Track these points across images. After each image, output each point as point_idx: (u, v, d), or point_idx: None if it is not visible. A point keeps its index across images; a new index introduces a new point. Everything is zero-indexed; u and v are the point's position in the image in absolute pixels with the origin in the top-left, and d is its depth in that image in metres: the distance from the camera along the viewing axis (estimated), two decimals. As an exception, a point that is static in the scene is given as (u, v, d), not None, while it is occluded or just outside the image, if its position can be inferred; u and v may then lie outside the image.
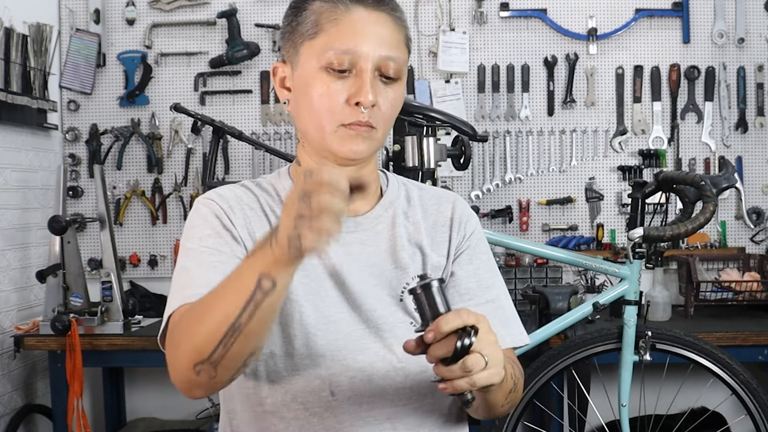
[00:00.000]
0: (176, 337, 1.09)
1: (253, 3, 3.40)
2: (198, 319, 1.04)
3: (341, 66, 1.15)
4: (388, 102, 1.18)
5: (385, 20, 1.18)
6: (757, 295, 3.03)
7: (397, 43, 1.19)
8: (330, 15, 1.16)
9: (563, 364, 2.44)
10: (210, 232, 1.19)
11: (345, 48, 1.15)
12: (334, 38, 1.15)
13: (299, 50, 1.19)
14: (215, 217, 1.20)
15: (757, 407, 2.37)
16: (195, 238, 1.19)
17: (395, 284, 1.24)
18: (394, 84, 1.19)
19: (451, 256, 1.30)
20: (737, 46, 3.36)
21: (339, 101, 1.16)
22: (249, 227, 1.21)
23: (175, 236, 3.45)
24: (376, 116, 1.17)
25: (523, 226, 3.40)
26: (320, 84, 1.16)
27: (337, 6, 1.16)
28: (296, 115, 1.23)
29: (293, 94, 1.22)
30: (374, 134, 1.19)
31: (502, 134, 3.40)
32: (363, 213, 1.27)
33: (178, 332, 1.09)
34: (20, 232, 3.11)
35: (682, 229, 2.23)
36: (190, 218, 1.22)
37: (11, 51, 2.94)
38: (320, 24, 1.16)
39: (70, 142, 3.44)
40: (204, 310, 1.04)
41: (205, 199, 1.23)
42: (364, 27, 1.16)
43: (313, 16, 1.17)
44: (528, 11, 3.38)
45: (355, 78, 1.16)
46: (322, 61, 1.16)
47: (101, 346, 2.82)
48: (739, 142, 3.38)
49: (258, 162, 3.43)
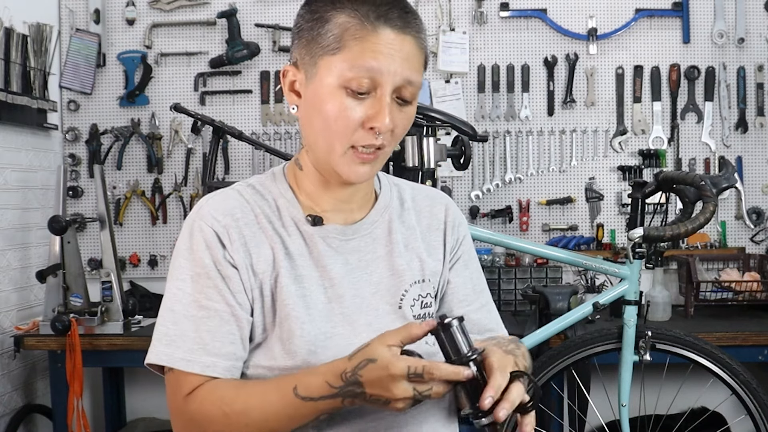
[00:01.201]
0: (201, 421, 1.13)
1: (253, 3, 3.40)
2: (235, 419, 1.10)
3: (361, 89, 1.12)
4: (401, 124, 1.17)
5: (410, 43, 1.15)
6: (757, 295, 3.03)
7: (418, 66, 1.17)
8: (355, 32, 1.12)
9: (563, 364, 2.44)
10: (200, 271, 1.17)
11: (368, 66, 1.11)
12: (357, 56, 1.12)
13: (317, 62, 1.15)
14: (207, 249, 1.17)
15: (757, 407, 2.37)
16: (187, 273, 1.17)
17: (393, 291, 1.24)
18: (408, 106, 1.18)
19: (447, 261, 1.31)
20: (737, 46, 3.35)
21: (354, 123, 1.14)
22: (245, 247, 1.19)
23: (174, 236, 3.45)
24: (388, 137, 1.17)
25: (523, 226, 3.40)
26: (337, 103, 1.13)
27: (363, 24, 1.12)
28: (305, 126, 1.21)
29: (304, 103, 1.19)
30: (381, 154, 1.18)
31: (502, 134, 3.40)
32: (359, 219, 1.27)
33: (206, 421, 1.12)
34: (20, 232, 3.11)
35: (682, 229, 2.23)
36: (185, 239, 1.19)
37: (11, 51, 2.94)
38: (344, 40, 1.12)
39: (70, 142, 3.44)
40: (240, 414, 1.10)
41: (201, 222, 1.19)
42: (389, 49, 1.12)
43: (337, 30, 1.13)
44: (528, 11, 3.38)
45: (373, 100, 1.14)
46: (341, 79, 1.12)
47: (101, 346, 2.82)
48: (739, 142, 3.38)
49: (258, 162, 3.43)
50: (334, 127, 1.14)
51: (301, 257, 1.21)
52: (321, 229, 1.22)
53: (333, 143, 1.16)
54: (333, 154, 1.16)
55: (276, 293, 1.18)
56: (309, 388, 1.08)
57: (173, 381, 1.16)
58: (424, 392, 1.01)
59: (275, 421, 1.10)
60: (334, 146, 1.16)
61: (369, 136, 1.14)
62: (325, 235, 1.22)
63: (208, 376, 1.14)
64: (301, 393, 1.08)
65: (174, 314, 1.16)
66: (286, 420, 1.10)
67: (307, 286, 1.20)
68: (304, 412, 1.08)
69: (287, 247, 1.20)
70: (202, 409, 1.12)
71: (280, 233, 1.21)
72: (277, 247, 1.20)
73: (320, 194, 1.24)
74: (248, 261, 1.18)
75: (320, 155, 1.19)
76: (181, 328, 1.15)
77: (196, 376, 1.14)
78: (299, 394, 1.08)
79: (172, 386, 1.16)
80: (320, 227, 1.22)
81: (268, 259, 1.19)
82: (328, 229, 1.22)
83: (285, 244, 1.20)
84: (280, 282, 1.18)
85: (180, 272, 1.18)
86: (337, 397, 1.06)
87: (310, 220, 1.22)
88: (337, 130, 1.15)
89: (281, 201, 1.24)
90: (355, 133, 1.14)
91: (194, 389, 1.14)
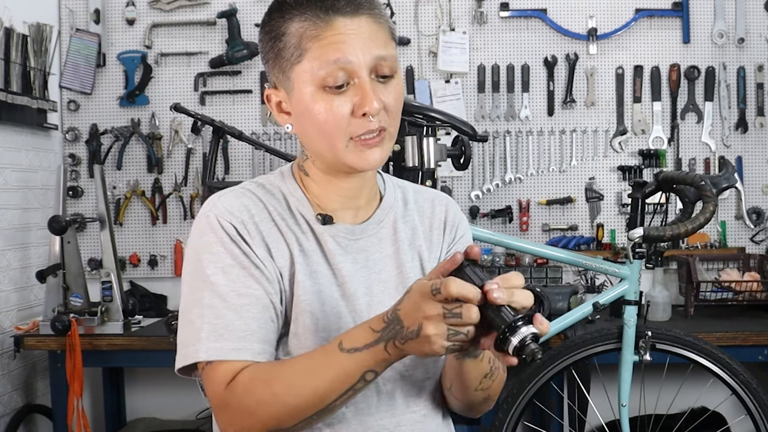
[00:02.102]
0: (250, 404, 1.10)
1: (253, 3, 3.40)
2: (282, 393, 1.08)
3: (336, 82, 1.13)
4: (391, 99, 1.17)
5: (366, 22, 1.15)
6: (757, 295, 3.03)
7: (384, 41, 1.16)
8: (310, 33, 1.13)
9: (563, 364, 2.44)
10: (232, 262, 1.15)
11: (334, 59, 1.12)
12: (321, 54, 1.12)
13: (290, 76, 1.16)
14: (232, 242, 1.16)
15: (757, 407, 2.37)
16: (216, 267, 1.15)
17: (402, 289, 1.24)
18: (392, 80, 1.17)
19: (444, 257, 1.32)
20: (737, 46, 3.35)
21: (344, 115, 1.14)
22: (264, 242, 1.19)
23: (175, 236, 3.45)
24: (384, 118, 1.17)
25: (523, 226, 3.40)
26: (322, 104, 1.14)
27: (315, 23, 1.13)
28: (304, 138, 1.21)
29: (295, 119, 1.20)
30: (386, 135, 1.18)
31: (502, 134, 3.40)
32: (366, 219, 1.27)
33: (254, 402, 1.09)
34: (20, 232, 3.11)
35: (682, 229, 2.23)
36: (205, 235, 1.17)
37: (11, 51, 2.95)
38: (303, 45, 1.13)
39: (70, 142, 3.44)
40: (290, 386, 1.08)
41: (216, 215, 1.18)
42: (347, 36, 1.13)
43: (294, 38, 1.14)
44: (528, 11, 3.38)
45: (354, 89, 1.14)
46: (316, 81, 1.13)
47: (101, 346, 2.82)
48: (739, 142, 3.38)
49: (258, 162, 3.43)
50: (328, 127, 1.15)
51: (314, 254, 1.21)
52: (330, 228, 1.23)
53: (333, 142, 1.16)
54: (337, 151, 1.17)
55: (294, 288, 1.19)
56: (354, 338, 1.06)
57: (211, 375, 1.13)
58: (454, 310, 0.98)
59: (324, 384, 1.07)
60: (335, 144, 1.16)
61: (363, 123, 1.14)
62: (335, 234, 1.23)
63: (248, 361, 1.12)
64: (347, 346, 1.06)
65: (214, 309, 1.13)
66: (334, 381, 1.07)
67: (322, 282, 1.20)
68: (351, 367, 1.06)
69: (301, 244, 1.21)
70: (249, 392, 1.10)
71: (293, 230, 1.21)
72: (292, 243, 1.20)
73: (328, 194, 1.24)
74: (269, 255, 1.18)
75: (327, 158, 1.19)
76: (226, 319, 1.13)
77: (234, 363, 1.11)
78: (344, 348, 1.06)
79: (211, 380, 1.13)
80: (330, 226, 1.23)
81: (285, 255, 1.19)
82: (337, 227, 1.23)
83: (299, 241, 1.21)
84: (297, 278, 1.18)
85: (208, 268, 1.15)
86: (380, 343, 1.04)
87: (320, 219, 1.23)
88: (331, 129, 1.15)
89: (292, 200, 1.24)
90: (350, 126, 1.15)
91: (234, 377, 1.11)
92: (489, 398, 1.27)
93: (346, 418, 1.18)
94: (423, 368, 1.24)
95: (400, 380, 1.22)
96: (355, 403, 1.18)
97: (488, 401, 1.28)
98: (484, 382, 1.21)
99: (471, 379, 1.19)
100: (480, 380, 1.20)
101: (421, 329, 1.00)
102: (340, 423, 1.18)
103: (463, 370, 1.17)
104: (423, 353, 1.02)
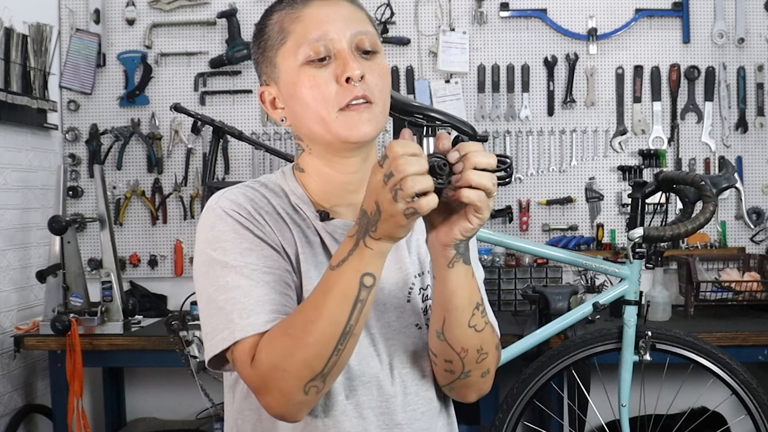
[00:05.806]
0: (278, 362, 1.08)
1: (253, 3, 3.40)
2: (301, 335, 1.07)
3: (319, 54, 1.17)
4: (375, 74, 1.19)
5: (344, 7, 1.21)
6: (757, 295, 3.03)
7: (362, 19, 1.21)
8: (291, 16, 1.20)
9: (563, 364, 2.44)
10: (249, 245, 1.16)
11: (316, 36, 1.17)
12: (303, 33, 1.18)
13: (275, 61, 1.21)
14: (244, 228, 1.17)
15: (757, 407, 2.37)
16: (234, 252, 1.16)
17: (401, 285, 1.25)
18: (375, 56, 1.20)
19: None
20: (737, 46, 3.36)
21: (329, 86, 1.17)
22: (272, 231, 1.20)
23: (175, 236, 3.45)
24: (369, 89, 1.18)
25: (523, 226, 3.40)
26: (306, 78, 1.18)
27: (293, 6, 1.20)
28: (296, 122, 1.23)
29: (285, 104, 1.23)
30: (374, 109, 1.19)
31: (502, 134, 3.40)
32: None
33: (280, 357, 1.08)
34: (20, 232, 3.11)
35: (682, 229, 2.23)
36: (215, 227, 1.18)
37: (11, 51, 2.95)
38: (285, 29, 1.20)
39: (70, 142, 3.44)
40: (305, 325, 1.07)
41: (222, 207, 1.19)
42: (326, 14, 1.19)
43: (276, 26, 1.21)
44: (528, 11, 3.38)
45: (336, 61, 1.17)
46: (300, 57, 1.18)
47: (101, 346, 2.82)
48: (739, 142, 3.38)
49: (258, 162, 3.43)
50: (314, 100, 1.17)
51: (318, 247, 1.22)
52: (329, 224, 1.23)
53: (321, 114, 1.18)
54: (327, 124, 1.18)
55: (301, 278, 1.19)
56: (338, 253, 1.08)
57: (238, 357, 1.12)
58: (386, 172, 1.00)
59: (330, 309, 1.06)
60: (324, 116, 1.18)
61: (347, 90, 1.16)
62: (333, 230, 1.23)
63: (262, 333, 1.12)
64: (334, 262, 1.08)
65: (240, 289, 1.14)
66: (338, 300, 1.06)
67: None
68: (347, 279, 1.06)
69: (307, 236, 1.22)
70: (271, 351, 1.09)
71: (298, 222, 1.23)
72: (297, 235, 1.21)
73: (327, 189, 1.25)
74: (280, 242, 1.19)
75: (319, 134, 1.20)
76: (255, 295, 1.13)
77: (251, 338, 1.11)
78: (333, 265, 1.08)
79: (239, 361, 1.12)
80: (328, 222, 1.23)
81: (292, 244, 1.20)
82: (336, 224, 1.24)
83: (304, 233, 1.22)
84: (303, 267, 1.20)
85: (226, 256, 1.15)
86: (359, 242, 1.05)
87: (319, 215, 1.23)
88: (317, 101, 1.17)
89: (293, 197, 1.25)
90: (336, 96, 1.17)
91: (254, 351, 1.11)
92: (482, 350, 1.20)
93: (347, 411, 1.18)
94: (424, 365, 1.24)
95: (401, 376, 1.22)
96: (356, 397, 1.18)
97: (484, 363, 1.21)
98: (475, 316, 1.16)
99: (460, 307, 1.14)
100: (471, 311, 1.16)
101: (378, 206, 1.02)
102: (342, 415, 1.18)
103: (448, 288, 1.13)
104: (395, 230, 1.04)
